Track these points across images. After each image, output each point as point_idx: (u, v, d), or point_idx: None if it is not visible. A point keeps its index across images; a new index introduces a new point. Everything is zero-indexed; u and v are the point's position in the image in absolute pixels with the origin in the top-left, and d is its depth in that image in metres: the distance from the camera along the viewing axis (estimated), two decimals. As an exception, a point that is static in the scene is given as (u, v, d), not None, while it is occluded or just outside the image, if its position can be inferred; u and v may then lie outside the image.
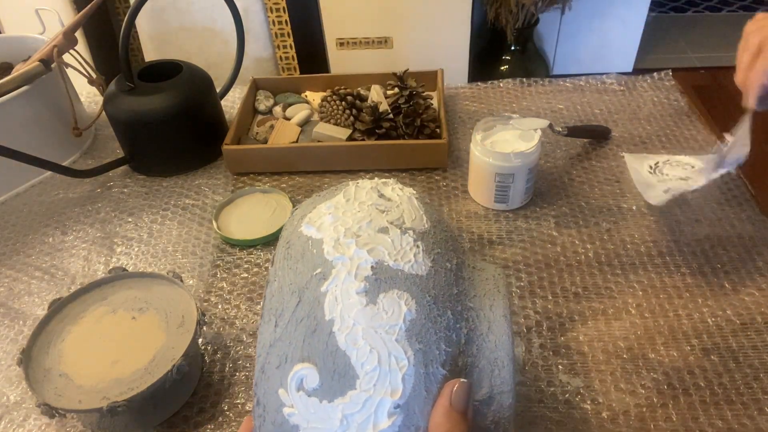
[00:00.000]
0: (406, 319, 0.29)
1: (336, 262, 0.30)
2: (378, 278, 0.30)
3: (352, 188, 0.35)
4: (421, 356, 0.29)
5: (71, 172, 0.69)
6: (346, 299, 0.29)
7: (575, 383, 0.47)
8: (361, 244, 0.31)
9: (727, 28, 2.35)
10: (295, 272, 0.31)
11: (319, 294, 0.29)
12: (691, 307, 0.53)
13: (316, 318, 0.29)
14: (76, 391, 0.43)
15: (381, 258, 0.30)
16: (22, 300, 0.58)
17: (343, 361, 0.28)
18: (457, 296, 0.32)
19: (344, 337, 0.29)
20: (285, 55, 1.67)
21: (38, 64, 0.69)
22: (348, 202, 0.33)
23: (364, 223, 0.32)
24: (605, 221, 0.62)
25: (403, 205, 0.34)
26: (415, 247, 0.31)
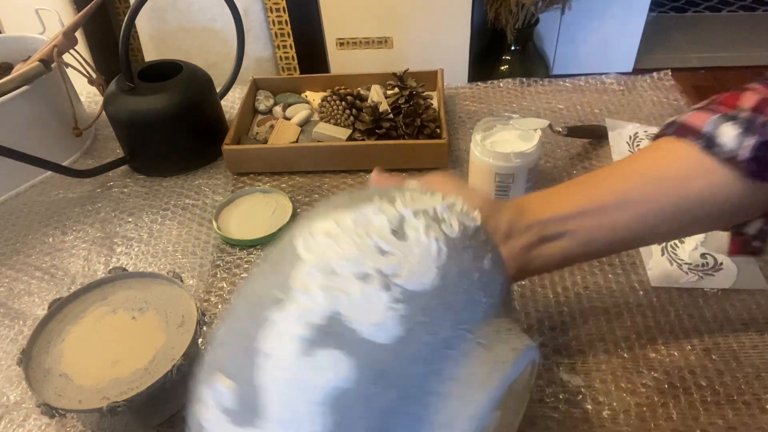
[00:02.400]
0: (335, 387, 0.26)
1: (297, 294, 0.27)
2: (326, 331, 0.26)
3: (370, 211, 0.30)
4: (334, 429, 0.26)
5: (71, 172, 0.68)
6: (285, 338, 0.26)
7: (576, 382, 0.47)
8: (325, 286, 0.27)
9: (727, 28, 2.35)
10: (263, 280, 0.29)
11: (266, 318, 0.27)
12: (692, 306, 0.52)
13: (254, 341, 0.27)
14: (76, 391, 0.43)
15: (338, 309, 0.27)
16: (22, 300, 0.58)
17: (258, 396, 0.26)
18: (421, 376, 0.27)
19: (268, 375, 0.26)
20: (285, 55, 1.67)
21: (38, 64, 0.69)
22: (354, 227, 0.29)
23: (349, 261, 0.28)
24: (605, 221, 0.61)
25: (414, 250, 0.29)
26: (390, 309, 0.27)
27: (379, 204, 0.30)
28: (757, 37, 2.27)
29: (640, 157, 0.42)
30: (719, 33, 2.31)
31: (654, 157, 0.42)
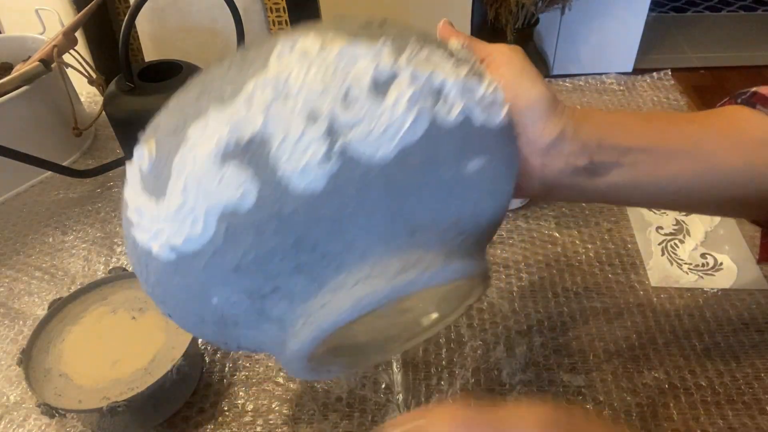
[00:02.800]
0: (232, 205, 0.25)
1: (240, 101, 0.25)
2: (248, 150, 0.25)
3: (364, 50, 0.27)
4: (216, 244, 0.26)
5: (71, 172, 0.68)
6: (210, 137, 0.25)
7: (576, 382, 0.47)
8: (268, 107, 0.25)
9: (727, 28, 2.35)
10: (227, 69, 0.27)
11: (206, 109, 0.26)
12: (692, 306, 0.52)
13: (186, 125, 0.26)
14: (76, 391, 0.43)
15: (270, 137, 0.25)
16: (22, 300, 0.58)
17: (168, 178, 0.26)
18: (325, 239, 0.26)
19: (182, 163, 0.26)
20: (285, 55, 1.67)
21: (38, 64, 0.69)
22: (335, 60, 0.26)
23: (307, 92, 0.25)
24: (606, 221, 0.61)
25: (383, 115, 0.26)
26: (321, 162, 0.25)
27: (381, 47, 0.27)
28: (757, 37, 2.27)
29: (711, 114, 0.40)
30: (719, 33, 2.31)
31: (724, 116, 0.39)
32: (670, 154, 0.37)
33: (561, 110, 0.36)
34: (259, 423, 0.46)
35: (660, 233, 0.60)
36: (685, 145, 0.37)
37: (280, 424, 0.46)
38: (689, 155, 0.37)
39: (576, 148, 0.36)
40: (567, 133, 0.35)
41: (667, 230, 0.60)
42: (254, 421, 0.46)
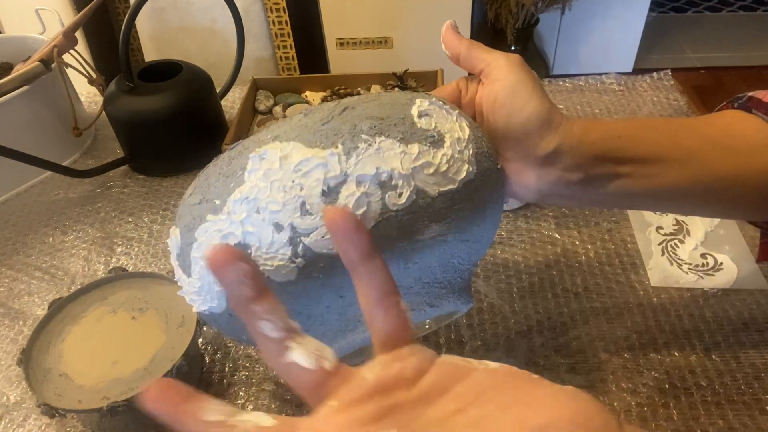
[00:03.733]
0: None
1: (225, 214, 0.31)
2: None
3: (316, 159, 0.30)
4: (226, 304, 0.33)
5: (71, 172, 0.68)
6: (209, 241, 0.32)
7: (576, 382, 0.47)
8: (245, 221, 0.31)
9: (727, 28, 2.35)
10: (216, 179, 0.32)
11: (203, 218, 0.32)
12: (692, 306, 0.52)
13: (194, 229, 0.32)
14: (76, 391, 0.43)
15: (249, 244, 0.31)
16: (22, 300, 0.58)
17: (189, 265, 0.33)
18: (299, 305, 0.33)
19: (196, 257, 0.32)
20: (285, 55, 1.67)
21: (38, 64, 0.69)
22: (292, 172, 0.30)
23: (273, 206, 0.30)
24: (606, 221, 0.61)
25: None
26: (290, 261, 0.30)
27: (330, 156, 0.30)
28: (757, 37, 2.27)
29: (706, 121, 0.40)
30: (719, 33, 2.31)
31: (721, 123, 0.39)
32: (665, 165, 0.37)
33: (557, 125, 0.36)
34: (259, 423, 0.46)
35: (660, 233, 0.60)
36: (680, 155, 0.37)
37: (280, 424, 0.46)
38: (684, 165, 0.37)
39: (571, 163, 0.36)
40: (563, 148, 0.36)
41: (667, 230, 0.60)
42: (254, 421, 0.46)
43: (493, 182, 0.35)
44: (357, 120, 0.32)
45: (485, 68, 0.37)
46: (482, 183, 0.34)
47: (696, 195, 0.38)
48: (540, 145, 0.36)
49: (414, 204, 0.31)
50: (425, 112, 0.33)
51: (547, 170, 0.36)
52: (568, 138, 0.36)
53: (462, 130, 0.33)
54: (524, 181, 0.37)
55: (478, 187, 0.33)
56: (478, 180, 0.33)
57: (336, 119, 0.32)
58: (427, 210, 0.31)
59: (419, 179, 0.31)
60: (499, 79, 0.36)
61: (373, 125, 0.31)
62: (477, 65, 0.38)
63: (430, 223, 0.32)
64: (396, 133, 0.31)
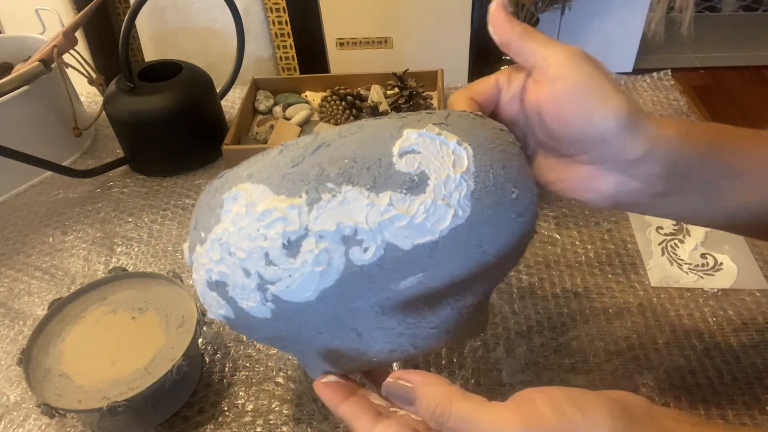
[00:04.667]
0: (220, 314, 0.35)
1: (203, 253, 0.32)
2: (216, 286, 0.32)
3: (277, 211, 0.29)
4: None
5: (71, 172, 0.68)
6: (198, 272, 0.34)
7: (577, 382, 0.47)
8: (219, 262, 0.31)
9: (727, 28, 2.35)
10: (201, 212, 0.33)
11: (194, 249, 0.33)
12: (692, 306, 0.52)
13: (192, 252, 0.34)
14: (76, 391, 0.42)
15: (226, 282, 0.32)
16: (22, 300, 0.58)
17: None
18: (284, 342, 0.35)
19: (194, 274, 0.34)
20: (285, 55, 1.67)
21: (38, 64, 0.69)
22: (256, 221, 0.30)
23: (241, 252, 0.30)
24: (606, 221, 0.61)
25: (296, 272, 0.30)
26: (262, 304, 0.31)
27: (293, 208, 0.29)
28: (757, 37, 2.27)
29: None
30: (719, 33, 2.31)
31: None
32: (754, 180, 0.33)
33: (644, 123, 0.31)
34: (259, 423, 0.46)
35: (660, 233, 0.60)
36: (763, 170, 0.33)
37: (280, 424, 0.46)
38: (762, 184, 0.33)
39: (660, 171, 0.32)
40: (653, 153, 0.31)
41: (667, 230, 0.60)
42: (254, 421, 0.46)
43: (504, 218, 0.30)
44: (327, 163, 0.29)
45: (540, 63, 0.32)
46: (480, 223, 0.30)
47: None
48: (625, 150, 0.31)
49: (383, 258, 0.29)
50: (409, 149, 0.29)
51: (629, 177, 0.32)
52: (661, 143, 0.31)
53: (456, 165, 0.29)
54: (600, 187, 0.33)
55: (473, 230, 0.30)
56: (474, 222, 0.29)
57: (307, 160, 0.29)
58: (399, 264, 0.29)
59: (389, 233, 0.28)
60: (561, 77, 0.31)
61: (341, 171, 0.29)
62: (529, 58, 0.33)
63: (407, 275, 0.30)
64: (366, 179, 0.29)
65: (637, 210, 0.35)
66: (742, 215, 0.34)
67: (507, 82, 0.36)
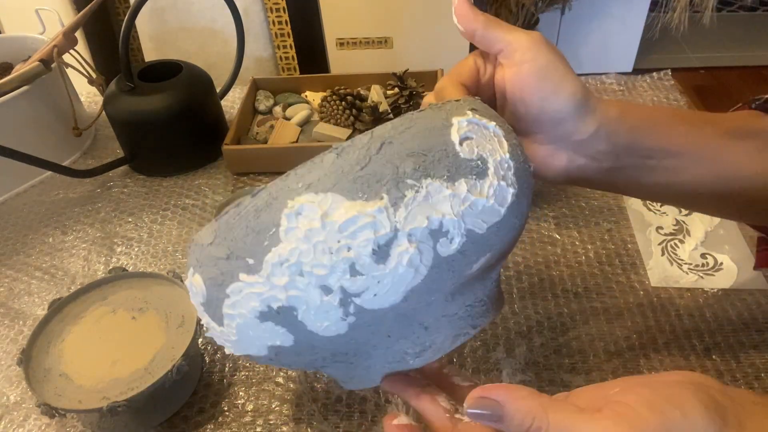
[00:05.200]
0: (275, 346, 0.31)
1: (264, 277, 0.28)
2: (279, 314, 0.29)
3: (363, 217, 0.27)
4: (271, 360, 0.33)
5: (71, 172, 0.68)
6: (245, 305, 0.30)
7: (577, 382, 0.47)
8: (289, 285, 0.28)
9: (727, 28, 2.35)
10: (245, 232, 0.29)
11: (236, 277, 0.29)
12: (692, 306, 0.52)
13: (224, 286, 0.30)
14: (76, 391, 0.42)
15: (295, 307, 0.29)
16: (22, 300, 0.58)
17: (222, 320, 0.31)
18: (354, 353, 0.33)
19: (229, 315, 0.30)
20: (285, 55, 1.67)
21: (38, 64, 0.69)
22: (337, 233, 0.28)
23: (318, 270, 0.28)
24: (605, 221, 0.61)
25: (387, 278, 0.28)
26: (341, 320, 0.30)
27: (377, 210, 0.27)
28: (757, 37, 2.27)
29: (731, 120, 0.39)
30: (719, 33, 2.31)
31: (744, 122, 0.38)
32: (693, 159, 0.36)
33: (594, 107, 0.34)
34: (259, 423, 0.46)
35: (660, 233, 0.60)
36: (707, 150, 0.36)
37: (280, 424, 0.46)
38: (712, 162, 0.36)
39: (605, 149, 0.35)
40: (600, 133, 0.34)
41: (667, 230, 0.60)
42: (254, 421, 0.46)
43: (529, 191, 0.33)
44: (398, 160, 0.28)
45: (505, 49, 0.35)
46: (522, 199, 0.31)
47: (721, 192, 0.37)
48: (579, 129, 0.34)
49: (464, 246, 0.29)
50: (465, 136, 0.30)
51: (579, 154, 0.35)
52: (606, 121, 0.34)
53: (501, 145, 0.31)
54: (554, 163, 0.36)
55: (519, 205, 0.31)
56: (520, 198, 0.31)
57: (374, 160, 0.28)
58: (476, 247, 0.30)
59: (469, 220, 0.29)
60: (525, 60, 0.34)
61: (416, 165, 0.28)
62: (495, 45, 0.35)
63: (479, 258, 0.30)
64: (441, 170, 0.28)
65: (590, 185, 0.38)
66: (679, 191, 0.37)
67: (483, 65, 0.38)
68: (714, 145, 0.36)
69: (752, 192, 0.37)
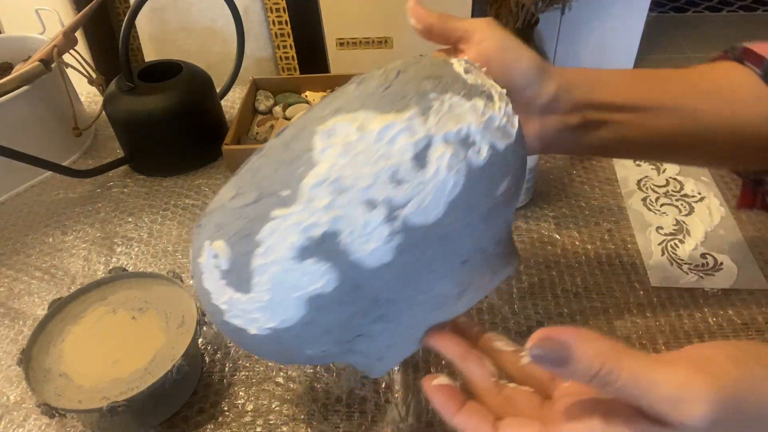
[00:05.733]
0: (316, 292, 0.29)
1: (302, 203, 0.28)
2: (320, 245, 0.28)
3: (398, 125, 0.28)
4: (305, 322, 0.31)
5: (71, 172, 0.68)
6: (284, 242, 0.28)
7: (576, 383, 0.47)
8: (331, 205, 0.27)
9: (727, 28, 2.35)
10: (275, 167, 0.29)
11: (270, 215, 0.28)
12: (692, 306, 0.52)
13: (255, 232, 0.28)
14: (76, 391, 0.43)
15: (337, 230, 0.28)
16: (22, 300, 0.58)
17: (251, 276, 0.29)
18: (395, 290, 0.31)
19: (262, 265, 0.28)
20: (285, 55, 1.67)
21: (38, 64, 0.69)
22: (375, 144, 0.28)
23: (361, 183, 0.27)
24: (605, 221, 0.61)
25: (429, 184, 0.28)
26: (387, 241, 0.28)
27: (410, 118, 0.28)
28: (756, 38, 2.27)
29: (697, 71, 0.41)
30: (719, 33, 2.31)
31: (712, 76, 0.41)
32: (656, 113, 0.39)
33: (552, 72, 0.38)
34: (259, 423, 0.46)
35: (660, 233, 0.60)
36: (670, 104, 0.39)
37: (280, 424, 0.46)
38: (673, 113, 0.39)
39: (569, 107, 0.38)
40: (560, 92, 0.38)
41: (667, 230, 0.60)
42: (254, 421, 0.46)
43: (523, 137, 0.35)
44: (416, 81, 0.30)
45: (463, 34, 0.38)
46: (522, 132, 0.33)
47: (687, 142, 0.40)
48: (541, 93, 0.37)
49: (489, 161, 0.30)
50: (467, 69, 0.32)
51: (548, 117, 0.38)
52: (563, 82, 0.38)
53: (494, 84, 0.33)
54: (528, 130, 0.38)
55: (521, 136, 0.33)
56: (520, 130, 0.33)
57: (395, 84, 0.30)
58: (499, 164, 0.30)
59: (489, 133, 0.30)
60: (485, 38, 0.38)
61: (434, 85, 0.30)
62: (453, 34, 0.39)
63: (503, 178, 0.31)
64: (457, 88, 0.30)
65: (567, 149, 0.41)
66: (652, 144, 0.40)
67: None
68: (676, 98, 0.39)
69: (715, 142, 0.40)
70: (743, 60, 0.40)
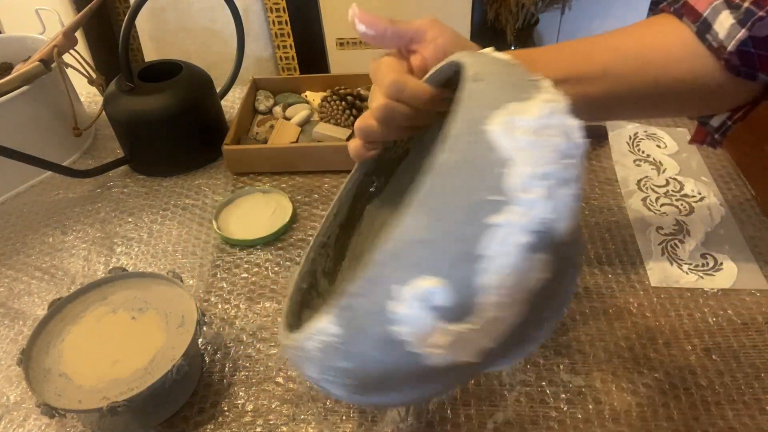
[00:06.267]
0: (539, 284, 0.28)
1: (517, 200, 0.26)
2: (540, 237, 0.27)
3: (547, 107, 0.29)
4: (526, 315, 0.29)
5: (71, 172, 0.68)
6: (510, 246, 0.26)
7: (577, 382, 0.47)
8: (543, 194, 0.27)
9: (727, 28, 2.35)
10: (465, 179, 0.27)
11: (486, 224, 0.26)
12: (692, 306, 0.52)
13: (474, 246, 0.26)
14: (76, 391, 0.42)
15: (549, 216, 0.27)
16: (22, 300, 0.58)
17: (475, 297, 0.27)
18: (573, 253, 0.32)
19: (489, 278, 0.26)
20: (285, 55, 1.67)
21: (38, 64, 0.69)
22: (546, 125, 0.28)
23: (553, 166, 0.27)
24: (605, 221, 0.61)
25: (580, 151, 0.29)
26: (574, 209, 0.28)
27: (544, 96, 0.29)
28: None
29: (632, 31, 0.43)
30: (719, 33, 2.31)
31: (645, 34, 0.43)
32: (582, 83, 0.41)
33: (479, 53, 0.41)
34: (259, 423, 0.46)
35: (660, 233, 0.60)
36: (595, 73, 0.41)
37: (280, 424, 0.46)
38: (598, 80, 0.41)
39: None
40: None
41: (667, 230, 0.60)
42: (254, 421, 0.46)
43: None
44: (506, 74, 0.32)
45: (414, 35, 0.40)
46: None
47: (614, 105, 0.43)
48: None
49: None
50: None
51: None
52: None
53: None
54: None
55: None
56: None
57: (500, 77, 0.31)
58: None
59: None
60: (437, 35, 0.40)
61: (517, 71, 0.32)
62: (405, 35, 0.41)
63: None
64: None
65: None
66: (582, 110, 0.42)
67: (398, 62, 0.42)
68: (602, 65, 0.42)
69: (643, 100, 0.42)
70: (682, 16, 0.41)
